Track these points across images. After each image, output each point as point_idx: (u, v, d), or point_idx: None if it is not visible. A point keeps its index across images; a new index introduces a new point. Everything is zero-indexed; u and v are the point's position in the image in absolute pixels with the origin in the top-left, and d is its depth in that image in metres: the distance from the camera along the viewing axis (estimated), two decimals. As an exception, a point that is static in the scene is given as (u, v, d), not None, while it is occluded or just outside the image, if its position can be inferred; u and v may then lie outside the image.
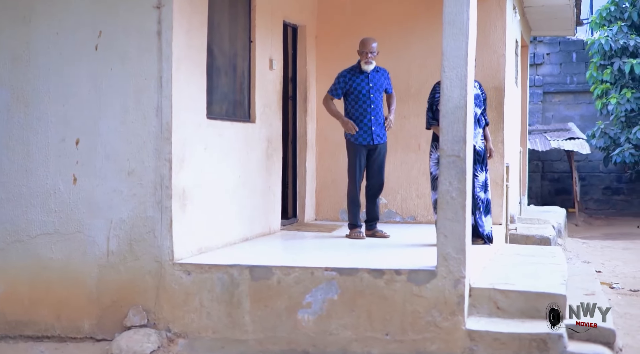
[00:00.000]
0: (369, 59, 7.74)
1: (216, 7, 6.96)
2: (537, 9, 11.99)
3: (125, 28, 6.14)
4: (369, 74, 7.79)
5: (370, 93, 7.76)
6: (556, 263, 7.29)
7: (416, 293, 5.66)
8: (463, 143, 5.58)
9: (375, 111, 7.77)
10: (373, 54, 7.75)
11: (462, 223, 5.57)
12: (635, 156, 16.25)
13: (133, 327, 6.06)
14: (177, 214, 6.12)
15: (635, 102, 16.23)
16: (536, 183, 18.41)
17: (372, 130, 7.76)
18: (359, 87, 7.76)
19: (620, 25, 16.46)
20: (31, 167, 6.32)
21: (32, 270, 6.30)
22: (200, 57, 6.57)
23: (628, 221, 16.64)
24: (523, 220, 11.76)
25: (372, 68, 7.78)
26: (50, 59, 6.28)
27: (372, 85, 7.77)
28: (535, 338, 5.40)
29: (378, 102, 7.81)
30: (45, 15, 6.29)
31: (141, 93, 6.10)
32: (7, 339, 6.29)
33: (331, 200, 9.46)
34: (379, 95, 7.83)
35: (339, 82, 7.83)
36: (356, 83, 7.77)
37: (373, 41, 7.79)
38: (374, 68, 7.81)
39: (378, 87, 7.81)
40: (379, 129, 7.80)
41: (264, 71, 7.94)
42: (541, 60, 18.89)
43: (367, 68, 7.76)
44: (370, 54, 7.73)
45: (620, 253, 11.93)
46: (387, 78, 7.92)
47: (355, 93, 7.77)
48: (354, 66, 7.87)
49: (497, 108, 8.99)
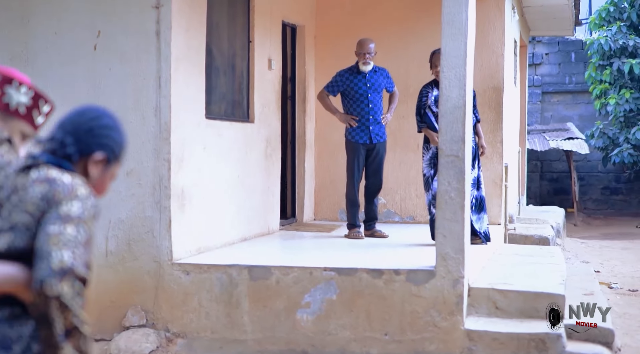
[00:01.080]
0: (367, 59, 7.75)
1: (215, 7, 6.96)
2: (536, 8, 11.99)
3: (124, 28, 6.13)
4: (366, 74, 7.80)
5: (367, 93, 7.76)
6: (555, 263, 7.29)
7: (415, 293, 5.65)
8: (462, 143, 5.58)
9: (373, 111, 7.78)
10: (370, 54, 7.76)
11: (460, 223, 5.57)
12: (634, 156, 16.25)
13: (132, 327, 6.06)
14: (175, 214, 6.11)
15: (634, 102, 16.24)
16: (535, 183, 18.41)
17: (370, 129, 7.76)
18: (356, 87, 7.77)
19: (620, 25, 16.46)
20: (30, 167, 6.31)
21: (31, 270, 6.29)
22: (199, 57, 6.57)
23: (627, 221, 16.64)
24: (522, 220, 11.76)
25: (369, 68, 7.79)
26: (48, 59, 6.27)
27: (369, 85, 7.78)
28: (534, 338, 5.39)
29: (376, 102, 7.81)
30: (44, 15, 6.29)
31: (140, 93, 6.10)
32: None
33: (330, 200, 9.46)
34: (377, 95, 7.83)
35: (336, 81, 7.85)
36: (353, 83, 7.78)
37: (370, 42, 7.79)
38: (372, 69, 7.82)
39: (376, 87, 7.82)
40: (378, 128, 7.81)
41: (262, 71, 7.93)
42: (540, 60, 18.88)
43: (365, 69, 7.77)
44: (368, 54, 7.74)
45: (619, 253, 11.93)
46: (386, 77, 7.92)
47: (352, 93, 7.78)
48: (353, 66, 7.88)
49: (496, 108, 8.98)
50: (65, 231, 1.97)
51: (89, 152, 2.15)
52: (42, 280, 1.92)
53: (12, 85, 2.29)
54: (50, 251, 1.94)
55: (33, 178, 2.06)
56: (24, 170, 2.08)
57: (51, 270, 1.92)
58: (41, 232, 1.98)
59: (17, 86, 2.29)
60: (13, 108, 2.29)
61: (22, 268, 2.00)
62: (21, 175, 2.07)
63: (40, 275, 1.92)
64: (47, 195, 2.03)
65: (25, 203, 2.03)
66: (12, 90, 2.28)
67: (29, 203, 2.02)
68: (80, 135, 2.13)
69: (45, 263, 1.92)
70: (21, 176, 2.07)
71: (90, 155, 2.15)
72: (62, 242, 1.95)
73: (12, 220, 2.02)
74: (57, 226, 1.97)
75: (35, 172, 2.06)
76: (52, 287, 1.91)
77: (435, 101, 7.17)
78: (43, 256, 1.93)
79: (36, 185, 2.04)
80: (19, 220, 2.02)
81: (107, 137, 2.20)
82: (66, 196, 2.03)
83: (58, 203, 2.01)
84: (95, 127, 2.19)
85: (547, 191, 18.60)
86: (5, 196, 2.05)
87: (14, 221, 2.02)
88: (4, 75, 2.23)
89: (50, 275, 1.92)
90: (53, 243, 1.95)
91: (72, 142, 2.11)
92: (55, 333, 1.95)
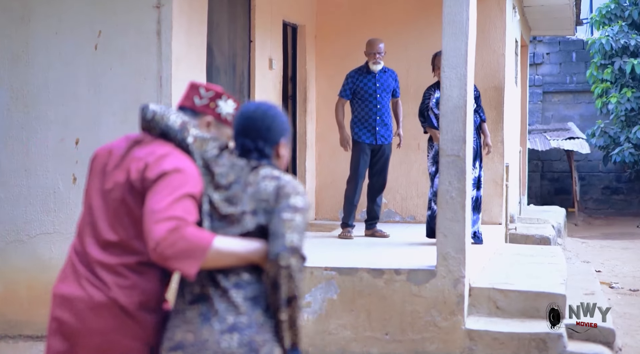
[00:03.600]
0: (377, 59, 7.75)
1: (215, 7, 6.96)
2: (537, 8, 11.99)
3: (124, 27, 6.13)
4: (376, 74, 7.80)
5: (376, 93, 7.76)
6: (556, 262, 7.29)
7: (415, 293, 5.65)
8: (462, 142, 5.57)
9: (381, 112, 7.78)
10: (381, 54, 7.77)
11: (461, 223, 5.57)
12: (635, 155, 16.24)
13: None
14: (176, 214, 6.10)
15: (636, 102, 16.23)
16: (536, 183, 18.40)
17: (377, 130, 7.76)
18: (366, 87, 7.77)
19: (621, 24, 16.45)
20: (31, 166, 6.32)
21: (32, 269, 6.29)
22: (200, 57, 6.57)
23: (627, 220, 16.64)
24: (523, 219, 11.75)
25: (380, 68, 7.79)
26: (49, 59, 6.28)
27: (378, 85, 7.78)
28: (534, 338, 5.39)
29: (384, 103, 7.81)
30: (45, 15, 6.29)
31: (141, 92, 6.09)
32: (7, 339, 6.29)
33: (331, 200, 9.45)
34: (386, 96, 7.83)
35: (348, 83, 7.84)
36: (363, 83, 7.78)
37: (380, 42, 7.80)
38: (382, 69, 7.82)
39: (385, 87, 7.82)
40: (384, 130, 7.80)
41: (263, 71, 7.93)
42: (541, 60, 18.88)
43: (375, 69, 7.77)
44: (378, 54, 7.75)
45: (619, 253, 11.93)
46: (395, 79, 7.92)
47: (362, 93, 7.78)
48: (362, 66, 7.87)
49: (497, 107, 8.98)
50: (295, 219, 2.61)
51: (276, 142, 2.78)
52: (277, 253, 2.56)
53: (222, 99, 2.88)
54: (284, 233, 2.58)
55: (262, 175, 2.70)
56: (251, 169, 2.72)
57: (285, 247, 2.56)
58: (276, 217, 2.61)
59: (225, 99, 2.88)
60: (223, 117, 2.88)
61: (265, 243, 2.63)
62: (252, 172, 2.72)
63: (276, 249, 2.57)
64: (276, 188, 2.67)
65: (261, 194, 2.67)
66: (222, 102, 2.87)
67: (263, 193, 2.67)
68: (266, 136, 2.76)
69: (280, 241, 2.57)
70: (252, 173, 2.71)
71: (277, 144, 2.78)
72: (293, 227, 2.59)
73: (253, 206, 2.66)
74: (289, 214, 2.61)
75: (262, 171, 2.71)
76: (284, 259, 2.55)
77: (436, 103, 7.17)
78: (278, 236, 2.57)
79: (266, 181, 2.69)
80: (258, 206, 2.66)
81: (279, 125, 2.79)
82: (293, 191, 2.66)
83: (287, 196, 2.65)
84: (270, 124, 2.77)
85: (548, 191, 18.60)
86: (241, 188, 2.69)
87: (254, 207, 2.66)
88: (216, 91, 2.87)
89: (284, 250, 2.56)
90: (287, 227, 2.59)
91: (263, 145, 2.75)
92: (280, 297, 2.59)
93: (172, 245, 2.51)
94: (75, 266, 2.76)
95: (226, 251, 2.60)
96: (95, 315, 2.67)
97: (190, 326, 2.62)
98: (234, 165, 2.75)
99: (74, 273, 2.76)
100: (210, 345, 2.58)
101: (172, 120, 2.75)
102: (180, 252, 2.52)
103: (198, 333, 2.60)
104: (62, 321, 2.75)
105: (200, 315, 2.61)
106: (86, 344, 2.70)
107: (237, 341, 2.58)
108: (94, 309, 2.68)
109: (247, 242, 2.64)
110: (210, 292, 2.63)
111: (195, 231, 2.56)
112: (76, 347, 2.71)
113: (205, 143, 2.75)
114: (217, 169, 2.73)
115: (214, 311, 2.61)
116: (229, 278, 2.64)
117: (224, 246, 2.59)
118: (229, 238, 2.63)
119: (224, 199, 2.69)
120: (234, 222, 2.67)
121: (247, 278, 2.66)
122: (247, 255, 2.63)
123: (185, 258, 2.53)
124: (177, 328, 2.64)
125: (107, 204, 2.74)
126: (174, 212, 2.55)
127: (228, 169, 2.74)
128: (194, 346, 2.59)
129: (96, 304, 2.68)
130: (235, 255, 2.61)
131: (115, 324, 2.67)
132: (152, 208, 2.57)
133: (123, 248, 2.70)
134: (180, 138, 2.73)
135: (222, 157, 2.76)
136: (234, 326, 2.59)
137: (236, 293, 2.63)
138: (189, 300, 2.66)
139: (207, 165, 2.74)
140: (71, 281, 2.76)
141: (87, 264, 2.73)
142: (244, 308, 2.62)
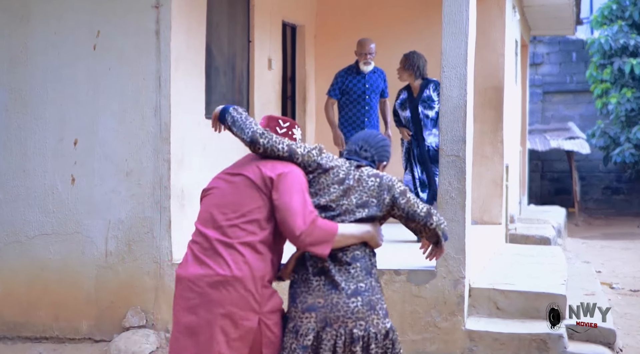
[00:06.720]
0: (368, 59, 7.71)
1: (215, 7, 6.95)
2: (537, 8, 11.98)
3: (123, 28, 6.12)
4: (365, 75, 7.76)
5: (365, 94, 7.74)
6: (556, 263, 7.28)
7: (415, 294, 5.64)
8: (462, 143, 5.56)
9: (369, 113, 7.75)
10: (371, 54, 7.72)
11: (461, 223, 5.55)
12: (635, 155, 16.23)
13: (131, 328, 6.05)
14: (175, 214, 6.10)
15: (636, 102, 16.21)
16: (536, 183, 18.40)
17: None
18: (355, 88, 7.73)
19: (621, 24, 16.43)
20: (29, 167, 6.30)
21: (30, 270, 6.28)
22: (199, 57, 6.56)
23: (628, 221, 16.63)
24: (523, 219, 11.75)
25: (370, 69, 7.76)
26: (48, 59, 6.26)
27: (368, 86, 7.75)
28: (535, 338, 5.38)
29: (373, 104, 7.79)
30: (43, 15, 6.27)
31: (139, 93, 6.08)
32: (6, 340, 6.27)
33: (330, 200, 9.42)
34: (375, 97, 7.81)
35: (336, 82, 7.81)
36: (352, 83, 7.74)
37: (371, 42, 7.76)
38: (372, 69, 7.78)
39: (374, 88, 7.79)
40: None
41: (262, 71, 7.92)
42: (541, 60, 18.88)
43: (365, 69, 7.73)
44: (369, 55, 7.70)
45: (620, 253, 11.92)
46: (384, 80, 7.88)
47: (351, 93, 7.74)
48: (351, 66, 7.83)
49: (497, 107, 8.96)
50: (410, 197, 3.54)
51: (380, 160, 3.68)
52: (425, 223, 3.57)
53: (295, 128, 3.72)
54: (415, 210, 3.53)
55: (367, 173, 3.53)
56: (356, 168, 3.54)
57: (428, 214, 3.54)
58: (400, 202, 3.52)
59: (296, 128, 3.72)
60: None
61: (372, 226, 3.52)
62: (357, 171, 3.53)
63: (422, 221, 3.56)
64: (380, 183, 3.51)
65: (368, 189, 3.50)
66: (295, 130, 3.71)
67: (370, 188, 3.50)
68: (375, 150, 3.65)
69: (418, 216, 3.55)
70: (357, 171, 3.53)
71: (380, 163, 3.68)
72: (415, 203, 3.54)
73: (363, 200, 3.49)
74: (404, 197, 3.52)
75: (366, 170, 3.54)
76: (431, 223, 3.57)
77: (400, 104, 7.43)
78: (414, 214, 3.54)
79: (371, 178, 3.52)
80: (367, 199, 3.49)
81: (386, 151, 3.70)
82: (394, 183, 3.54)
83: (392, 187, 3.52)
84: (381, 146, 3.68)
85: (548, 191, 18.59)
86: (351, 184, 3.49)
87: (364, 200, 3.48)
88: (290, 122, 3.71)
89: (427, 216, 3.55)
90: (412, 204, 3.53)
91: (371, 154, 3.64)
92: (439, 236, 3.65)
93: (311, 234, 3.33)
94: (195, 252, 3.46)
95: (347, 235, 3.43)
96: (215, 290, 3.33)
97: (319, 293, 3.42)
98: (342, 164, 3.55)
99: (194, 257, 3.45)
100: (341, 306, 3.39)
101: (280, 148, 3.51)
102: (317, 239, 3.35)
103: (327, 299, 3.40)
104: (188, 297, 3.39)
105: (325, 285, 3.42)
106: (208, 315, 3.34)
107: (361, 301, 3.42)
108: (214, 284, 3.34)
109: (360, 226, 3.47)
110: (329, 266, 3.43)
111: (325, 222, 3.38)
112: (200, 319, 3.35)
113: (310, 153, 3.54)
114: (329, 164, 3.53)
115: (336, 282, 3.40)
116: (347, 254, 3.46)
117: (345, 231, 3.42)
118: (346, 224, 3.44)
119: (339, 194, 3.48)
120: (348, 212, 3.47)
121: (359, 253, 3.49)
122: (361, 236, 3.48)
123: (321, 243, 3.36)
124: (307, 294, 3.44)
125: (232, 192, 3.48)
126: (308, 207, 3.36)
127: (338, 168, 3.53)
128: (324, 307, 3.40)
129: (216, 280, 3.35)
130: (353, 237, 3.45)
131: (235, 298, 3.33)
132: (289, 205, 3.35)
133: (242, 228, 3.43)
134: (295, 159, 3.53)
135: (327, 157, 3.57)
136: (356, 291, 3.42)
137: (354, 265, 3.45)
138: (313, 272, 3.45)
139: (320, 165, 3.53)
140: (192, 264, 3.44)
141: (208, 246, 3.42)
142: (361, 276, 3.45)
